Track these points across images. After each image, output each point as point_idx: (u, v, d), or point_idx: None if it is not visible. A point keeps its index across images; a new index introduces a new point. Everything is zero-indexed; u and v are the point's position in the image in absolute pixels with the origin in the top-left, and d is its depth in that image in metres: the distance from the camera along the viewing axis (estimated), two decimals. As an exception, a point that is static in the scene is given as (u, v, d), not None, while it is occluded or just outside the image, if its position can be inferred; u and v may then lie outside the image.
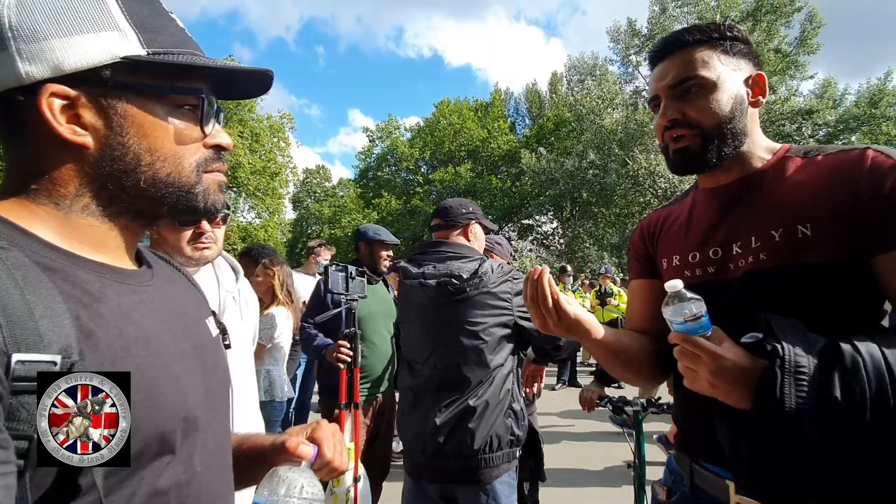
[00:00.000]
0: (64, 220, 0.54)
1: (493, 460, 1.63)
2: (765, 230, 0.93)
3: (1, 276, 0.43)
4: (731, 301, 0.94)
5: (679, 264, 1.06)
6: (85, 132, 0.53)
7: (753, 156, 1.01)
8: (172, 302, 0.63)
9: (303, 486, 0.60)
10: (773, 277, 0.91)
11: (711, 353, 0.80)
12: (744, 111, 0.97)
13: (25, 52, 0.50)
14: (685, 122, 0.97)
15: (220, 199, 0.63)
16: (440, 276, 1.71)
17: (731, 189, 1.02)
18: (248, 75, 0.62)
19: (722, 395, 0.81)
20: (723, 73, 0.96)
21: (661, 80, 1.00)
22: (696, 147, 0.97)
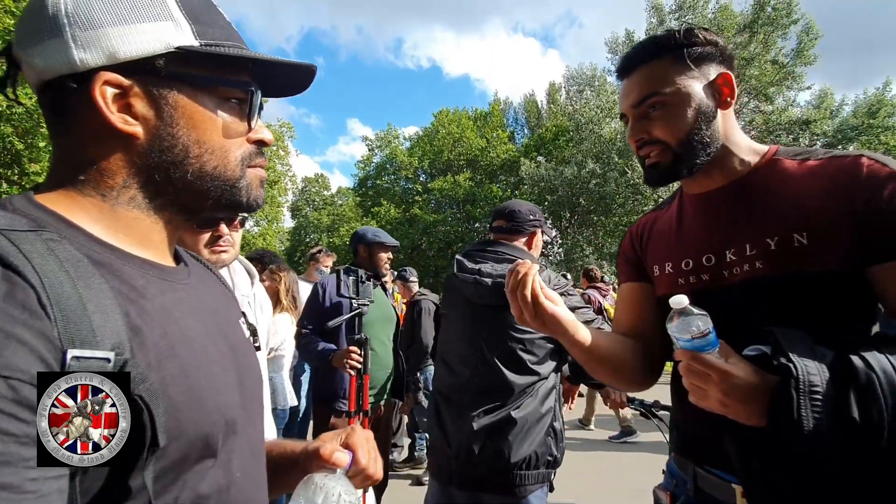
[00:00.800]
0: (110, 212, 0.52)
1: (529, 478, 1.59)
2: (759, 238, 0.92)
3: (55, 269, 0.41)
4: (730, 310, 0.92)
5: (672, 272, 1.05)
6: (136, 122, 0.52)
7: (735, 158, 0.99)
8: (208, 301, 0.62)
9: (340, 494, 0.59)
10: (772, 286, 0.90)
11: (722, 372, 0.78)
12: (710, 118, 0.96)
13: (80, 39, 0.49)
14: (652, 141, 0.98)
15: (261, 194, 0.62)
16: (497, 277, 1.65)
17: (719, 194, 1.01)
18: (290, 71, 0.61)
19: (732, 413, 0.80)
20: (682, 84, 0.95)
21: (625, 98, 1.01)
22: (666, 162, 0.97)
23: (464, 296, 1.73)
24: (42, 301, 0.39)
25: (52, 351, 0.39)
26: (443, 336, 1.85)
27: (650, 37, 1.00)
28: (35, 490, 0.35)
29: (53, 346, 0.39)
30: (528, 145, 25.97)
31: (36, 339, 0.38)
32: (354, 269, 2.65)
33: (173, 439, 0.45)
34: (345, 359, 2.36)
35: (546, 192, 20.52)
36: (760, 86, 17.95)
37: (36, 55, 0.50)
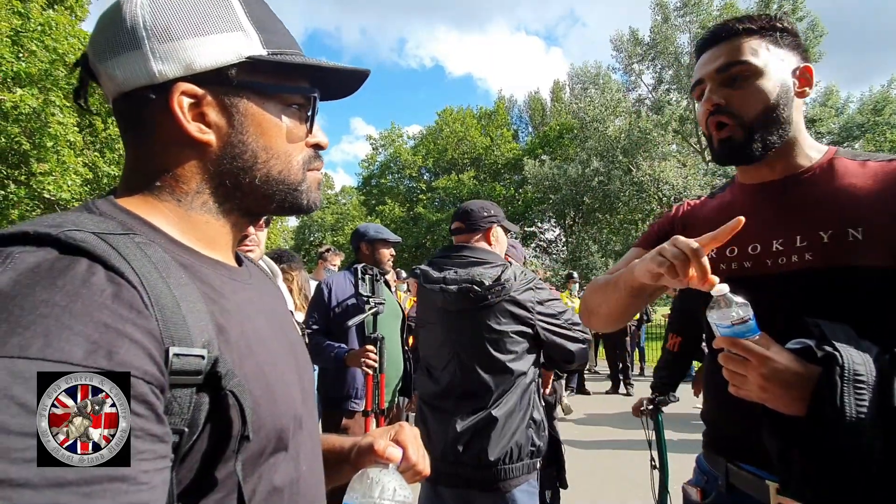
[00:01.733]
0: (184, 216, 0.54)
1: (513, 471, 1.61)
2: (812, 230, 0.92)
3: (151, 271, 0.43)
4: (771, 299, 0.93)
5: (715, 257, 1.05)
6: (209, 130, 0.54)
7: (800, 152, 1.00)
8: (268, 301, 0.64)
9: (395, 489, 0.60)
10: (820, 279, 0.90)
11: (762, 357, 0.79)
12: (789, 100, 0.96)
13: (159, 52, 0.50)
14: (728, 110, 0.97)
15: (319, 196, 0.64)
16: (461, 282, 1.67)
17: (776, 185, 1.01)
18: (344, 75, 0.62)
19: (772, 400, 0.80)
20: (770, 61, 0.96)
21: (707, 64, 1.00)
22: (739, 138, 0.96)
23: (436, 303, 1.76)
24: (145, 301, 0.41)
25: (158, 348, 0.41)
26: (422, 344, 1.87)
27: (743, 15, 1.01)
28: (147, 482, 0.37)
29: (159, 343, 0.41)
30: (532, 144, 25.92)
31: (144, 337, 0.40)
32: (370, 267, 2.63)
33: (254, 433, 0.47)
34: (361, 358, 2.35)
35: (550, 191, 20.49)
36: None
37: (116, 67, 0.51)
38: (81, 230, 0.42)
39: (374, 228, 2.75)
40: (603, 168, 18.83)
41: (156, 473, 0.38)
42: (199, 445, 0.45)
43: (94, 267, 0.40)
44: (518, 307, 1.66)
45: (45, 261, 0.39)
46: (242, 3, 0.55)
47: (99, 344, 0.37)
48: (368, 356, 2.35)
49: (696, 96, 1.04)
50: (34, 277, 0.37)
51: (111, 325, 0.38)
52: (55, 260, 0.39)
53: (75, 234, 0.41)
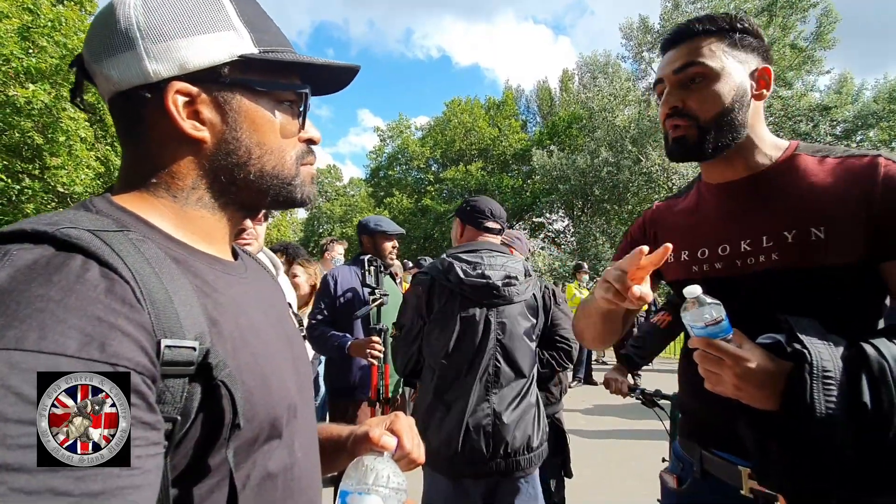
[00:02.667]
0: (180, 212, 0.56)
1: (532, 461, 1.71)
2: (777, 230, 0.94)
3: (144, 266, 0.45)
4: (743, 298, 0.95)
5: (687, 259, 1.08)
6: (203, 127, 0.55)
7: (758, 151, 1.01)
8: (264, 294, 0.66)
9: (389, 476, 0.62)
10: (787, 278, 0.93)
11: (735, 357, 0.81)
12: (745, 104, 0.98)
13: (153, 52, 0.52)
14: (684, 112, 0.99)
15: (313, 190, 0.66)
16: (501, 278, 1.74)
17: (739, 185, 1.03)
18: (334, 71, 0.64)
19: (746, 397, 0.83)
20: (727, 64, 0.97)
21: (667, 65, 1.02)
22: (692, 137, 0.99)
23: (466, 299, 1.75)
24: (137, 295, 0.43)
25: (150, 340, 0.42)
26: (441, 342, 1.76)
27: (705, 14, 1.02)
28: (140, 466, 0.39)
29: (150, 336, 0.43)
30: (540, 134, 25.72)
31: (136, 330, 0.41)
32: (375, 258, 2.65)
33: (247, 421, 0.49)
34: (366, 348, 2.38)
35: (558, 182, 20.36)
36: (779, 70, 17.51)
37: (111, 67, 0.53)
38: (77, 227, 0.44)
39: (374, 221, 2.78)
40: (612, 158, 18.64)
41: (148, 459, 0.40)
42: (193, 433, 0.47)
43: (89, 263, 0.42)
44: (533, 300, 1.77)
45: (42, 257, 0.41)
46: (234, 4, 0.57)
47: (92, 336, 0.38)
48: (374, 347, 2.38)
49: (658, 93, 1.06)
50: (31, 274, 0.39)
51: (104, 319, 0.40)
52: (51, 257, 0.41)
53: (70, 232, 0.43)
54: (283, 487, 0.56)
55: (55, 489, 0.34)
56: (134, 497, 0.38)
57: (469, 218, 1.91)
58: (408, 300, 1.90)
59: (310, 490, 0.62)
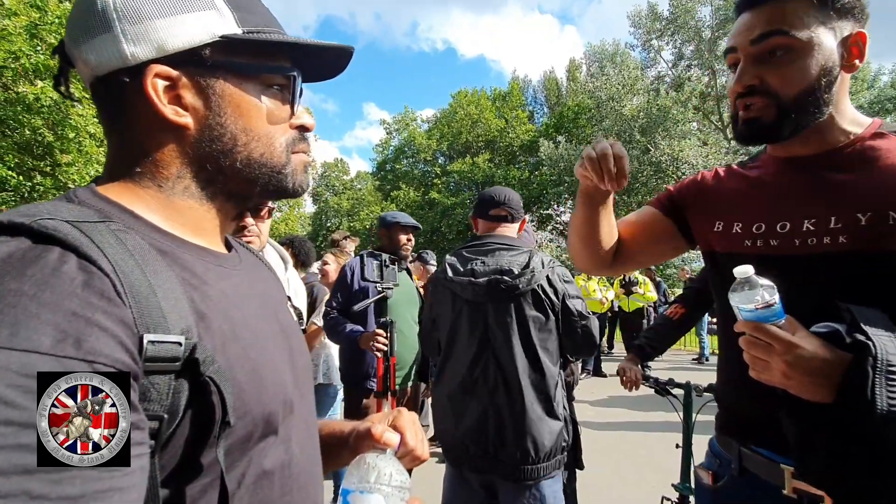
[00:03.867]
0: (167, 202, 0.54)
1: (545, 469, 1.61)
2: (848, 212, 0.86)
3: (126, 259, 0.43)
4: (798, 282, 0.88)
5: (740, 232, 1.00)
6: (186, 113, 0.53)
7: (836, 128, 0.92)
8: (259, 286, 0.64)
9: (391, 474, 0.60)
10: (852, 263, 0.85)
11: (787, 343, 0.76)
12: (832, 79, 0.87)
13: (130, 33, 0.50)
14: (762, 90, 0.88)
15: (305, 179, 0.63)
16: (490, 274, 1.66)
17: (810, 161, 0.94)
18: (328, 54, 0.61)
19: (796, 387, 0.77)
20: (817, 33, 0.84)
21: (743, 30, 0.90)
22: (768, 118, 0.89)
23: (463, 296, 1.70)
24: (118, 289, 0.41)
25: (131, 336, 0.41)
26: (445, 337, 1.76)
27: None
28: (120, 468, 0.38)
29: (131, 331, 0.41)
30: (547, 125, 25.52)
31: (116, 325, 0.40)
32: (378, 253, 2.68)
33: (239, 418, 0.48)
34: (371, 341, 2.42)
35: (566, 173, 20.21)
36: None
37: (89, 51, 0.51)
38: (55, 219, 0.42)
39: (390, 214, 2.88)
40: (620, 148, 18.45)
41: (132, 459, 0.39)
42: (181, 431, 0.45)
43: (66, 255, 0.40)
44: (545, 293, 1.64)
45: (18, 250, 0.39)
46: None
47: (67, 332, 0.37)
48: (378, 339, 2.40)
49: (729, 63, 0.95)
50: (4, 267, 0.38)
51: (80, 314, 0.38)
52: (27, 249, 0.39)
53: (48, 223, 0.41)
54: (280, 485, 0.54)
55: (31, 492, 0.33)
56: (117, 500, 0.37)
57: (477, 210, 1.90)
58: None
59: (309, 486, 0.60)
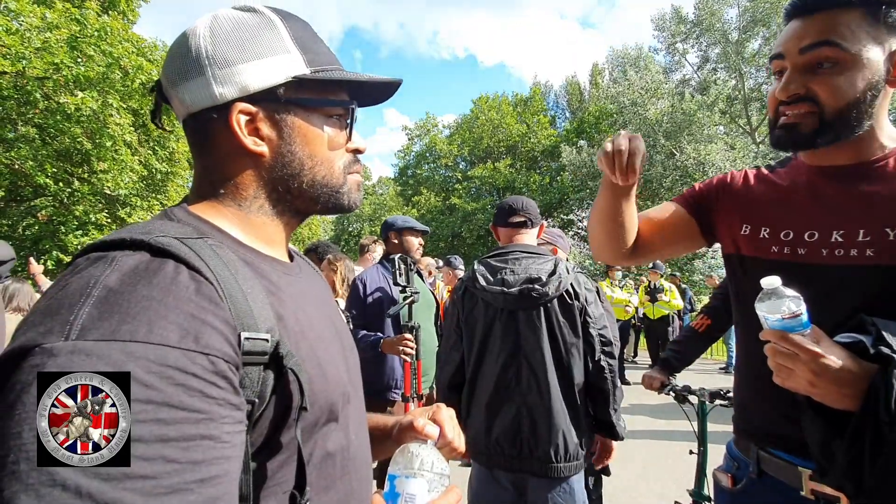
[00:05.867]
0: (245, 219, 0.62)
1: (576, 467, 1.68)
2: (877, 226, 0.88)
3: (223, 269, 0.51)
4: (822, 292, 0.89)
5: (767, 237, 1.01)
6: (262, 143, 0.61)
7: (874, 141, 0.93)
8: (316, 291, 0.71)
9: (433, 462, 0.66)
10: (879, 277, 0.87)
11: (812, 353, 0.78)
12: (876, 94, 0.88)
13: (219, 77, 0.58)
14: (807, 99, 0.89)
15: (359, 196, 0.71)
16: (521, 283, 1.72)
17: (843, 172, 0.94)
18: (380, 84, 0.68)
19: (821, 394, 0.79)
20: (866, 47, 0.85)
21: (793, 38, 0.90)
22: (807, 126, 0.89)
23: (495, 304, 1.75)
24: (220, 295, 0.49)
25: (233, 333, 0.48)
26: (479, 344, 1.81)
27: None
28: (230, 441, 0.45)
29: (233, 329, 0.48)
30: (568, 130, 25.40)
31: (222, 324, 0.47)
32: (406, 256, 2.70)
33: (310, 405, 0.54)
34: (399, 345, 2.44)
35: (588, 178, 20.07)
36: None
37: (184, 92, 0.59)
38: (166, 236, 0.50)
39: (401, 219, 2.88)
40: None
41: (236, 435, 0.46)
42: (267, 414, 0.52)
43: (180, 267, 0.48)
44: (572, 299, 1.71)
45: (142, 262, 0.47)
46: (288, 29, 0.62)
47: (188, 330, 0.44)
48: (407, 344, 2.43)
49: (775, 70, 0.95)
50: (135, 277, 0.45)
51: (196, 315, 0.45)
52: (149, 262, 0.47)
53: (162, 240, 0.49)
54: (340, 466, 0.61)
55: (166, 457, 0.40)
56: (226, 466, 0.44)
57: (496, 220, 1.97)
58: (450, 308, 1.97)
59: (363, 469, 0.67)
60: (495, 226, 1.98)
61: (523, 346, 1.71)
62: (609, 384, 1.72)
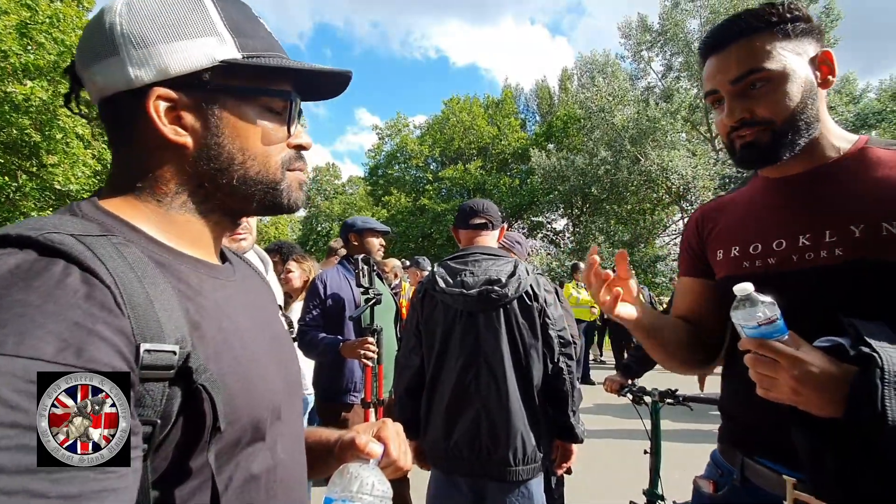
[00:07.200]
0: (165, 216, 0.56)
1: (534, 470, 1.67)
2: (842, 224, 0.88)
3: (125, 270, 0.45)
4: (797, 297, 0.88)
5: (738, 255, 1.02)
6: (185, 133, 0.55)
7: (827, 143, 0.95)
8: (252, 297, 0.66)
9: (374, 484, 0.61)
10: (849, 275, 0.87)
11: (793, 359, 0.76)
12: (814, 97, 0.91)
13: (135, 57, 0.52)
14: (754, 121, 0.92)
15: (301, 196, 0.65)
16: (481, 284, 1.70)
17: (801, 179, 0.96)
18: (328, 77, 0.63)
19: (805, 402, 0.77)
20: (789, 60, 0.89)
21: (719, 73, 0.94)
22: (765, 141, 0.92)
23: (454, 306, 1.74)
24: (117, 300, 0.43)
25: (128, 345, 0.43)
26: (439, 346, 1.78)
27: (744, 10, 0.93)
28: (115, 471, 0.39)
29: (129, 340, 0.43)
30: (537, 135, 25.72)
31: (115, 335, 0.42)
32: (369, 258, 2.63)
33: (229, 424, 0.49)
34: (360, 349, 2.35)
35: (557, 182, 20.37)
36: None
37: (97, 73, 0.53)
38: (60, 232, 0.44)
39: (361, 219, 2.78)
40: (611, 158, 18.65)
41: None
42: (173, 436, 0.47)
43: (70, 268, 0.42)
44: (531, 300, 1.71)
45: (25, 262, 0.41)
46: (218, 8, 0.56)
47: (69, 342, 0.39)
48: (368, 348, 2.35)
49: (711, 102, 0.99)
50: (12, 279, 0.40)
51: (82, 324, 0.40)
52: (34, 261, 0.41)
53: (53, 237, 0.43)
54: (265, 489, 0.56)
55: (32, 491, 0.34)
56: (111, 500, 0.38)
57: (457, 222, 1.96)
58: (409, 312, 1.92)
59: (294, 491, 0.62)
60: (456, 228, 1.97)
61: (483, 348, 1.69)
62: (568, 385, 1.71)
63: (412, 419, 1.82)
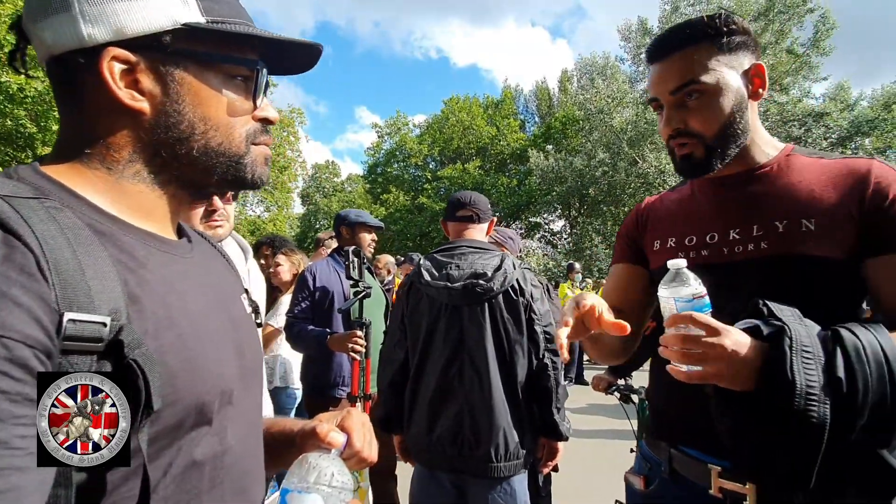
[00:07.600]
0: (115, 185, 0.53)
1: (517, 467, 1.64)
2: (768, 220, 0.96)
3: (55, 235, 0.43)
4: (725, 285, 0.95)
5: (673, 246, 1.08)
6: (142, 98, 0.52)
7: (757, 149, 1.02)
8: (211, 276, 0.63)
9: (333, 475, 0.59)
10: (771, 266, 0.94)
11: (725, 330, 0.78)
12: (744, 108, 0.98)
13: (89, 14, 0.49)
14: (687, 132, 0.98)
15: (265, 171, 0.63)
16: (466, 278, 1.68)
17: (734, 179, 1.04)
18: (297, 49, 0.61)
19: (730, 377, 0.78)
20: (722, 74, 0.95)
21: (660, 83, 1.00)
22: (699, 154, 0.99)
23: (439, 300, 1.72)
24: (41, 265, 0.40)
25: (49, 313, 0.40)
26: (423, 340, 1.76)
27: (686, 21, 0.99)
28: (24, 447, 0.36)
29: (50, 308, 0.40)
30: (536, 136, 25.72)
31: (33, 301, 0.39)
32: (359, 250, 2.60)
33: (168, 405, 0.46)
34: (348, 342, 2.34)
35: (555, 183, 20.37)
36: (776, 75, 17.56)
37: (45, 29, 0.50)
38: None
39: (354, 213, 2.75)
40: (608, 160, 18.67)
41: (34, 440, 0.37)
42: None
43: None
44: (517, 295, 1.68)
45: None
46: None
47: None
48: (356, 341, 2.33)
49: (654, 109, 1.05)
50: None
51: None
52: None
53: None
54: (210, 476, 0.53)
55: None
56: (15, 479, 0.35)
57: (446, 214, 1.94)
58: (395, 305, 1.90)
59: (244, 479, 0.59)
60: (445, 221, 1.95)
61: (467, 342, 1.67)
62: (552, 382, 1.69)
63: (396, 413, 1.80)
